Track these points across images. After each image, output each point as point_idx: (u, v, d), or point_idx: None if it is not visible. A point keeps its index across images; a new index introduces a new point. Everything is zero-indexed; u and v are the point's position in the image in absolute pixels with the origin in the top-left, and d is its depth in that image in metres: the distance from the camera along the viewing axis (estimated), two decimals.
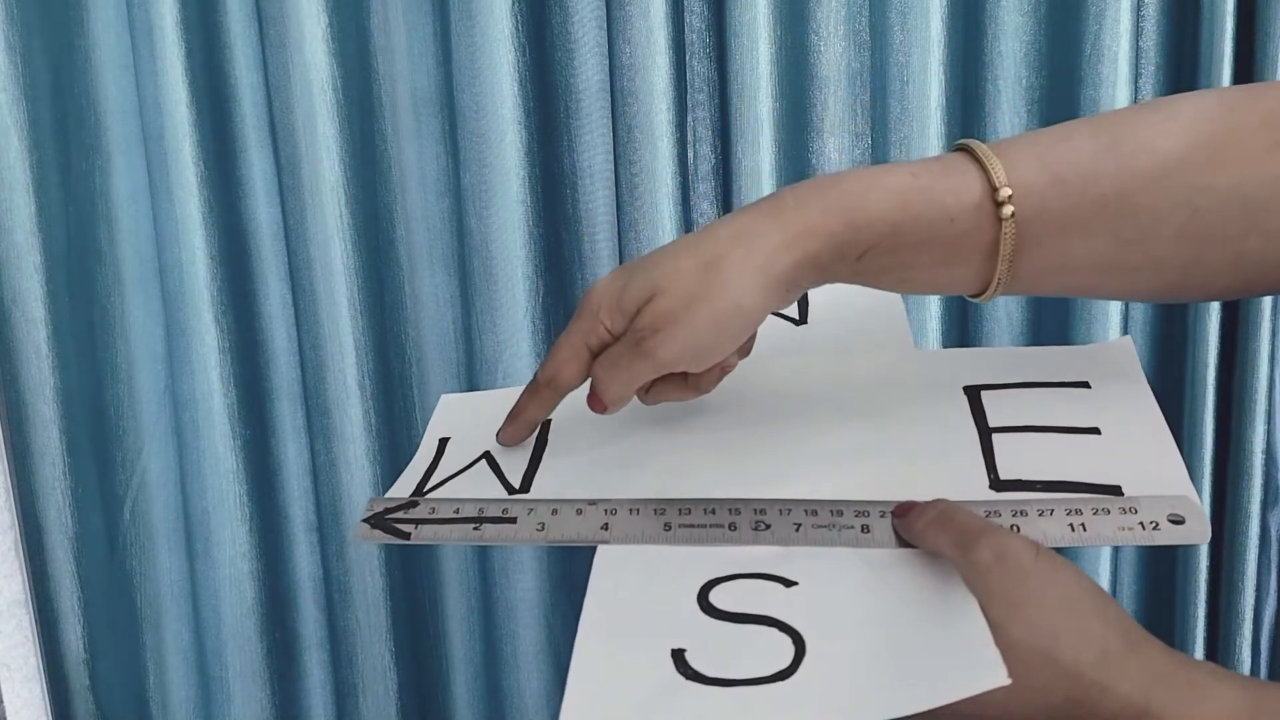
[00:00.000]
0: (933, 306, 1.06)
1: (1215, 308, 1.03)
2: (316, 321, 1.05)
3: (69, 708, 1.07)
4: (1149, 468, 0.50)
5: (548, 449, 0.61)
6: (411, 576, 1.14)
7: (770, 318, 0.70)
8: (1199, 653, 1.11)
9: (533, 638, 1.13)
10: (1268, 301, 1.02)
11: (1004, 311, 1.09)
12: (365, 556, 1.10)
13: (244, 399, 1.07)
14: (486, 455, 0.61)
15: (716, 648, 0.44)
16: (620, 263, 1.05)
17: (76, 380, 1.02)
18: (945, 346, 1.08)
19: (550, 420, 0.62)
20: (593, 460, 0.59)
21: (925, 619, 0.44)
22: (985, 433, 0.55)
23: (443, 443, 0.63)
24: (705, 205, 1.07)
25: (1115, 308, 1.04)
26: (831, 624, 0.45)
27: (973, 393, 0.58)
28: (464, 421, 0.65)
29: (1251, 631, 1.10)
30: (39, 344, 1.00)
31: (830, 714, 0.41)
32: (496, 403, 0.65)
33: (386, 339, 1.08)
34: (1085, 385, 0.57)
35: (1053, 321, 1.08)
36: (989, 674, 0.39)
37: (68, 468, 1.02)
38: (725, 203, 1.06)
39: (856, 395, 0.61)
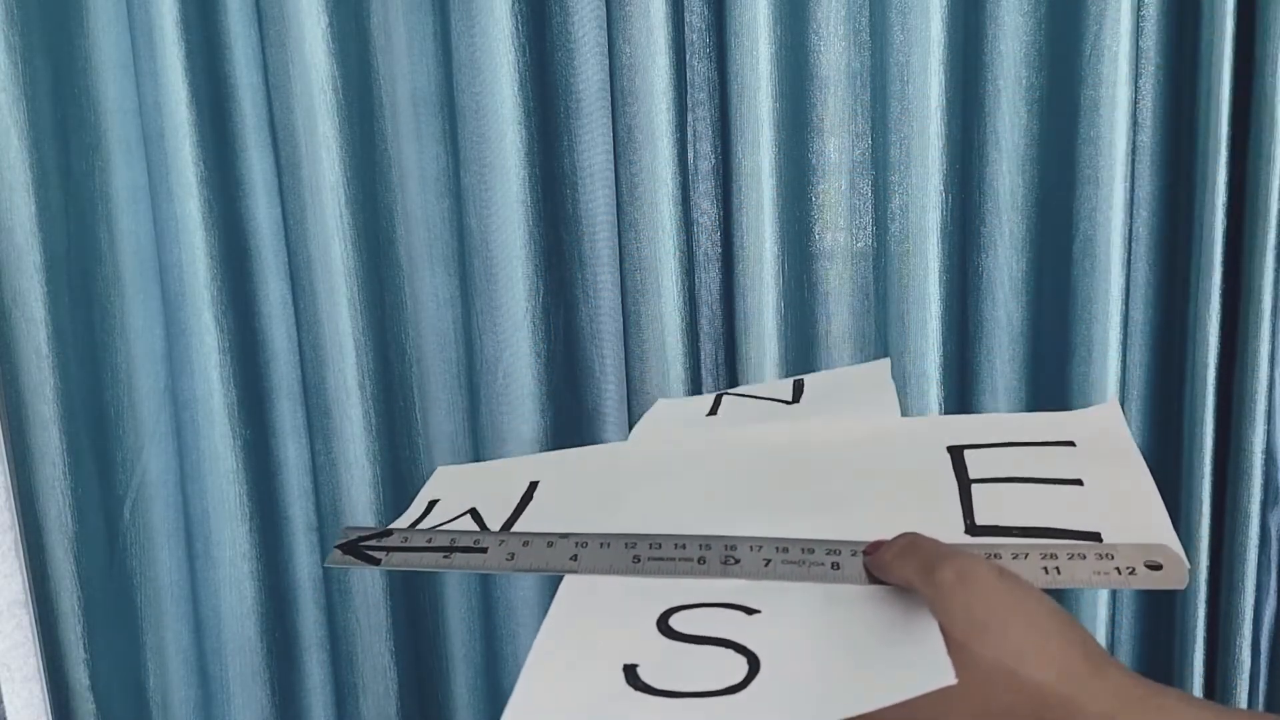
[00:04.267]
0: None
1: (1215, 308, 1.03)
2: (316, 321, 1.05)
3: (69, 708, 1.07)
4: (1130, 517, 0.50)
5: (531, 504, 0.61)
6: (412, 577, 1.14)
7: (761, 401, 0.71)
8: (1199, 652, 1.11)
9: (532, 638, 1.12)
10: (1268, 302, 1.02)
11: (1005, 311, 1.09)
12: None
13: (244, 399, 1.07)
14: (472, 510, 0.62)
15: (669, 665, 0.45)
16: (620, 262, 1.05)
17: (76, 380, 1.02)
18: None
19: (538, 482, 0.63)
20: (573, 511, 0.60)
21: (880, 634, 0.44)
22: (965, 484, 0.55)
23: (432, 503, 0.64)
24: (705, 205, 1.07)
25: (1115, 311, 1.04)
26: (788, 647, 0.45)
27: (956, 451, 0.59)
28: (456, 486, 0.66)
29: (1251, 631, 1.10)
30: (39, 344, 1.00)
31: (778, 718, 0.41)
32: (490, 472, 0.65)
33: (386, 339, 1.08)
34: (1070, 444, 0.58)
35: (1053, 327, 1.08)
36: (936, 675, 0.39)
37: (68, 468, 1.02)
38: (725, 203, 1.06)
39: (838, 452, 0.61)
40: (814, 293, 1.09)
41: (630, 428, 1.07)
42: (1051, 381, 1.09)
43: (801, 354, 1.09)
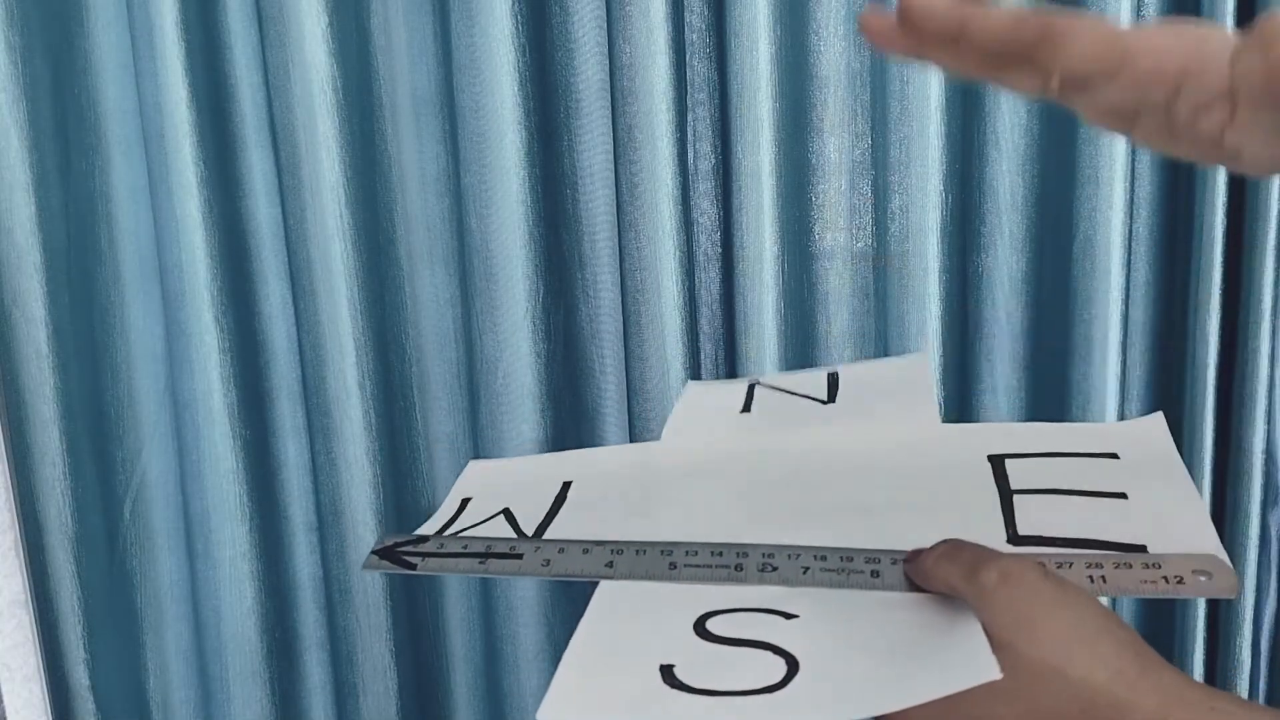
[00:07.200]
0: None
1: (1215, 308, 1.03)
2: (316, 321, 1.05)
3: (69, 708, 1.07)
4: (1177, 529, 0.49)
5: (565, 506, 0.61)
6: (412, 577, 1.13)
7: (796, 398, 0.70)
8: (1199, 652, 1.11)
9: (533, 638, 1.13)
10: (1268, 301, 1.02)
11: (1005, 311, 1.09)
12: (365, 556, 1.10)
13: (244, 399, 1.07)
14: (505, 511, 0.62)
15: (706, 665, 0.44)
16: (620, 262, 1.05)
17: (76, 380, 1.02)
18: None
19: (570, 482, 0.63)
20: (607, 515, 0.60)
21: (922, 635, 0.44)
22: (1006, 494, 0.55)
23: (464, 502, 0.64)
24: (705, 205, 1.07)
25: (1115, 311, 1.04)
26: (828, 649, 0.45)
27: (997, 460, 0.58)
28: (488, 484, 0.66)
29: (1251, 631, 1.10)
30: (39, 344, 1.00)
31: (817, 716, 0.41)
32: (521, 468, 0.65)
33: (386, 339, 1.08)
34: (1114, 456, 0.57)
35: (1053, 327, 1.08)
36: (980, 670, 0.39)
37: (68, 468, 1.02)
38: (725, 202, 1.06)
39: (876, 459, 0.61)
40: (814, 293, 1.09)
41: (630, 427, 1.07)
42: (1051, 381, 1.08)
43: (801, 354, 1.09)
